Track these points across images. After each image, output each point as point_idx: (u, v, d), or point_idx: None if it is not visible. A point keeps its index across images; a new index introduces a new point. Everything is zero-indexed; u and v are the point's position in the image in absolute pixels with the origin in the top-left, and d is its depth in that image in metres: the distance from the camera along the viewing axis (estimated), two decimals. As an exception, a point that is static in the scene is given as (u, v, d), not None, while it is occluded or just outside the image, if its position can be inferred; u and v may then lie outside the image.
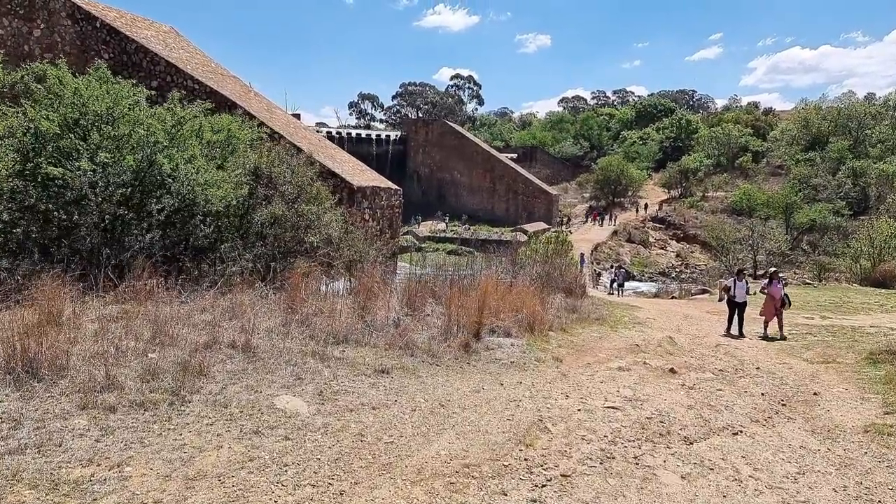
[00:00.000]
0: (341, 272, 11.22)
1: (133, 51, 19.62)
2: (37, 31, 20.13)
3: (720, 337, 9.78)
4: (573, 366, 6.27)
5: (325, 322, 6.42)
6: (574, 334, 8.34)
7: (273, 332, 5.85)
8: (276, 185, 9.95)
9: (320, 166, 17.30)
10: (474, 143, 53.64)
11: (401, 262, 22.18)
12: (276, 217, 9.48)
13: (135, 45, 19.52)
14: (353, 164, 20.20)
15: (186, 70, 19.30)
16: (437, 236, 40.25)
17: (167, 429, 3.21)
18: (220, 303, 6.70)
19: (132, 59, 19.62)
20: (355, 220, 17.47)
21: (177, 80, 18.98)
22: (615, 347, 7.87)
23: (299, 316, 6.64)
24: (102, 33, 19.73)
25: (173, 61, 19.39)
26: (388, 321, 7.14)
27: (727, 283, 10.56)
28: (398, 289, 8.84)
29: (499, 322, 7.12)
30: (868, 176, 42.10)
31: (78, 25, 20.17)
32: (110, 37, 19.71)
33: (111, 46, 19.75)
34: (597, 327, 9.64)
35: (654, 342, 8.79)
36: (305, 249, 10.45)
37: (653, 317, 12.11)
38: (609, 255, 36.53)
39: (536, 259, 16.22)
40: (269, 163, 9.87)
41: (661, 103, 74.78)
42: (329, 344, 5.69)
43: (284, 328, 6.07)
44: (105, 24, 19.20)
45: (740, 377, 6.64)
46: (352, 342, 5.88)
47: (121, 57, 19.38)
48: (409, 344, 5.94)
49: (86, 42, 19.94)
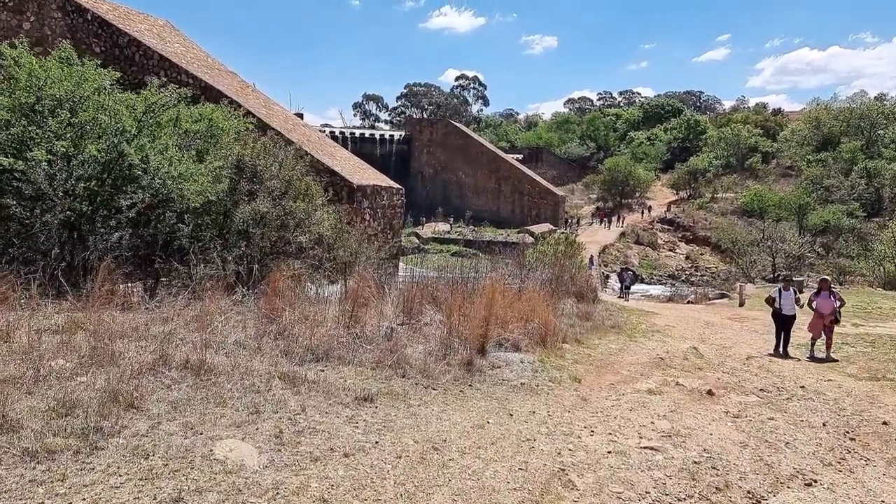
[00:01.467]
0: (336, 275, 10.37)
1: (125, 44, 18.91)
2: (26, 23, 19.43)
3: (749, 349, 8.79)
4: (594, 387, 5.34)
5: (307, 334, 5.53)
6: (590, 346, 7.41)
7: (241, 347, 4.96)
8: (262, 180, 9.09)
9: (320, 164, 16.60)
10: (479, 143, 52.77)
11: (403, 263, 21.37)
12: (261, 214, 8.61)
13: (127, 38, 18.80)
14: (353, 163, 19.42)
15: (181, 64, 18.57)
16: (442, 237, 39.39)
17: (53, 494, 2.32)
18: (186, 311, 5.82)
19: (124, 52, 18.92)
20: (355, 220, 16.68)
21: (170, 75, 18.25)
22: (638, 362, 6.93)
23: (277, 326, 5.76)
24: (94, 26, 19.03)
25: (167, 55, 18.67)
26: (379, 332, 6.24)
27: (772, 294, 8.98)
28: (395, 293, 7.96)
29: (506, 334, 6.20)
30: (882, 177, 40.94)
31: (69, 18, 19.46)
32: (102, 29, 19.02)
33: (103, 39, 19.07)
34: (614, 337, 8.70)
35: (678, 354, 7.84)
36: (295, 250, 9.58)
37: (671, 324, 11.15)
38: (617, 257, 35.53)
39: (545, 262, 15.30)
40: (253, 155, 9.00)
41: (668, 103, 73.66)
42: (306, 362, 4.79)
43: (256, 342, 5.19)
44: (96, 16, 18.50)
45: (787, 399, 5.69)
46: (334, 359, 4.98)
47: (112, 50, 18.70)
48: (402, 361, 5.04)
49: (77, 35, 19.24)
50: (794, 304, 8.64)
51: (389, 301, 7.73)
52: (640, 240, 40.31)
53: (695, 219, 43.95)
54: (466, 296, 7.30)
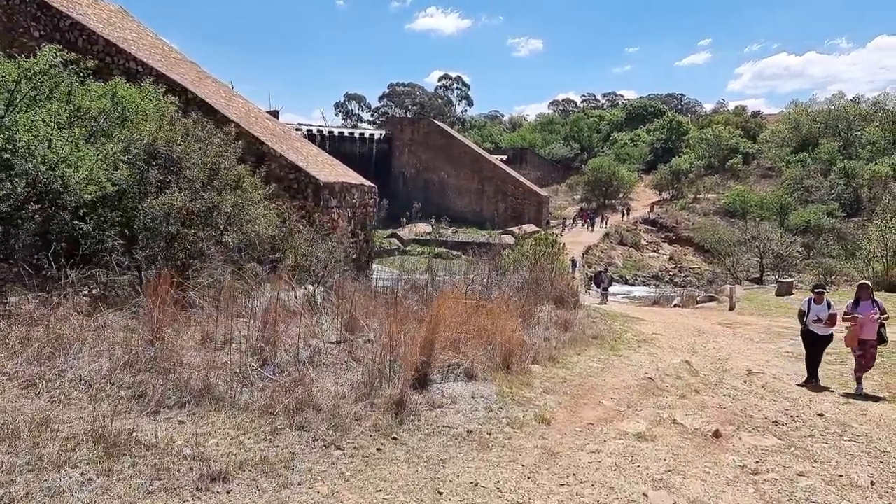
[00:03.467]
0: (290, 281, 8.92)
1: (67, 28, 17.15)
2: (-47, 4, 17.53)
3: (748, 361, 7.62)
4: (567, 431, 4.04)
5: (190, 361, 4.13)
6: (567, 365, 6.13)
7: (84, 385, 3.54)
8: (181, 168, 7.61)
9: (282, 159, 15.17)
10: (462, 142, 51.65)
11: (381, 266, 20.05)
12: (177, 209, 7.11)
13: (69, 21, 17.05)
14: (321, 159, 17.99)
15: (130, 50, 16.90)
16: (423, 239, 38.07)
17: None
18: (35, 332, 4.35)
19: (66, 37, 17.17)
20: (322, 220, 15.28)
21: (117, 62, 16.62)
22: (624, 385, 5.68)
23: (154, 351, 4.34)
24: (32, 8, 17.23)
25: (114, 40, 16.98)
26: (299, 356, 4.87)
27: (801, 308, 6.82)
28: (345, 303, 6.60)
29: (460, 357, 4.87)
30: (860, 177, 41.09)
31: (5, -1, 17.60)
32: (41, 12, 17.24)
33: (42, 23, 17.27)
34: (595, 351, 7.45)
35: (669, 372, 6.63)
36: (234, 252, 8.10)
37: (659, 332, 9.98)
38: (601, 258, 34.66)
39: (523, 263, 14.06)
40: (169, 138, 7.51)
41: (651, 105, 73.78)
42: (165, 408, 3.40)
43: (110, 375, 3.76)
44: (35, -3, 16.71)
45: (809, 437, 4.49)
46: (208, 400, 3.60)
47: (53, 35, 16.95)
48: (305, 403, 3.67)
49: (13, 18, 17.40)
50: (829, 321, 6.46)
51: (330, 313, 6.36)
52: (623, 240, 39.62)
53: (678, 219, 43.49)
54: (426, 303, 5.99)
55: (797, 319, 7.00)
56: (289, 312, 6.17)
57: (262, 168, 15.87)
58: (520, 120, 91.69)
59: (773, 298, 14.34)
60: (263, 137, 15.58)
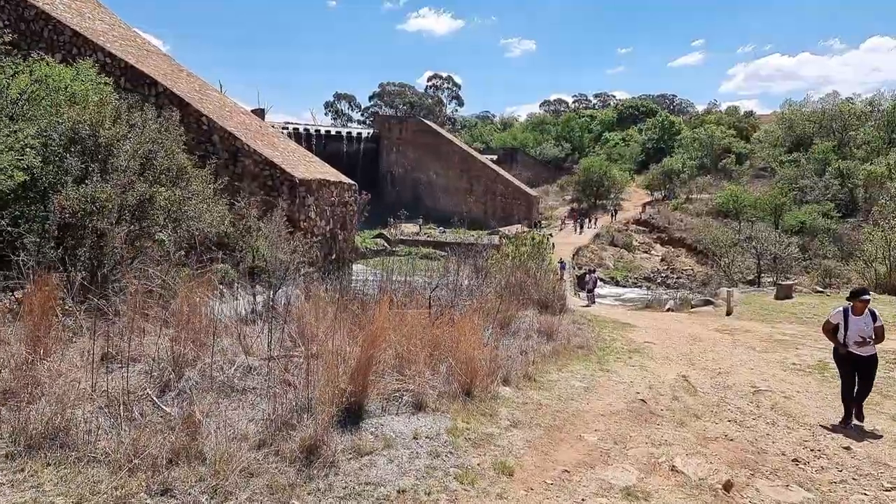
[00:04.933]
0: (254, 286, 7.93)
1: (32, 18, 16.06)
2: None
3: (751, 374, 6.73)
4: (535, 485, 3.09)
5: (60, 390, 3.17)
6: (544, 385, 5.20)
7: None
8: (109, 156, 6.58)
9: (256, 155, 14.19)
10: (451, 141, 50.75)
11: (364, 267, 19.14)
12: (100, 202, 6.08)
13: (34, 10, 15.94)
14: (298, 155, 16.99)
15: (98, 42, 15.85)
16: (410, 239, 37.09)
17: None
18: None
19: (31, 27, 16.08)
20: (298, 219, 14.28)
21: (84, 53, 15.59)
22: (611, 410, 4.76)
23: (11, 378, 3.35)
24: (-6, -4, 16.10)
25: (82, 31, 15.93)
26: (214, 378, 3.92)
27: (832, 319, 5.17)
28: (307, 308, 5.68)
29: (407, 381, 3.92)
30: (856, 177, 40.71)
31: (-35, -12, 16.43)
32: (6, 1, 16.14)
33: (7, 12, 16.15)
34: (580, 364, 6.53)
35: (664, 391, 5.73)
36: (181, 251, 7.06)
37: (652, 340, 9.09)
38: (592, 259, 33.88)
39: (507, 264, 13.13)
40: (94, 122, 6.47)
41: (643, 104, 73.40)
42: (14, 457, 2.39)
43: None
44: (-1, -14, 15.60)
45: (842, 485, 3.58)
46: (53, 448, 2.61)
47: (18, 25, 15.87)
48: (184, 451, 2.69)
49: (-27, 7, 16.27)
50: (872, 339, 4.91)
51: (280, 322, 5.41)
52: (615, 241, 38.91)
53: (670, 220, 42.86)
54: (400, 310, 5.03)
55: (827, 335, 5.25)
56: (233, 321, 5.19)
57: (238, 165, 14.86)
58: (511, 120, 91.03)
59: (772, 302, 13.53)
60: (237, 132, 14.60)
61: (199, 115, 14.93)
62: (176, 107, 15.40)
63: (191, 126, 15.17)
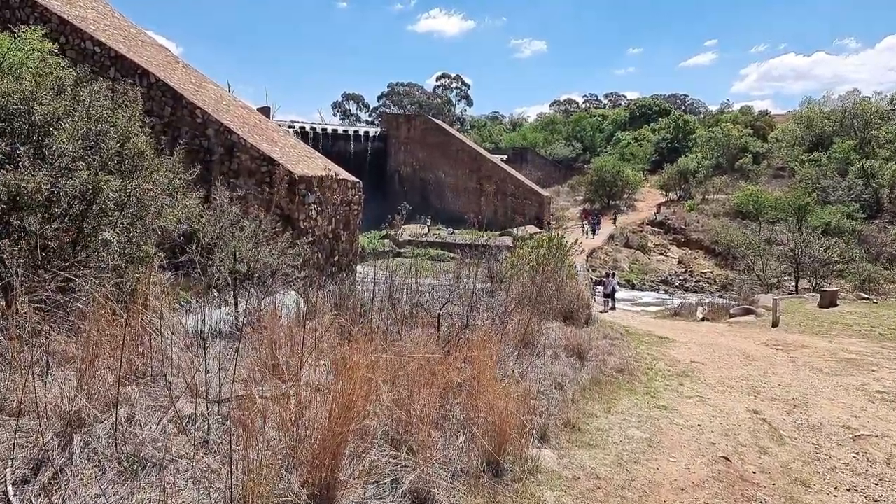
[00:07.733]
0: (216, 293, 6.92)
1: (17, 5, 15.31)
2: None
3: (834, 407, 5.49)
4: None
5: None
6: (595, 440, 4.03)
7: None
8: (46, 136, 5.50)
9: (254, 150, 13.37)
10: (460, 140, 49.64)
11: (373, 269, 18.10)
12: (27, 193, 5.00)
13: None
14: (299, 150, 16.01)
15: (86, 30, 15.10)
16: (419, 240, 35.99)
17: None
18: None
19: (17, 14, 15.33)
20: (298, 218, 13.27)
21: (72, 42, 14.87)
22: (691, 482, 3.59)
23: None
24: (-24, -19, 15.38)
25: (70, 18, 15.19)
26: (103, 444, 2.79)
27: None
28: None
29: (403, 454, 2.76)
30: (881, 177, 38.96)
31: (-53, -25, 15.74)
32: None
33: None
34: (628, 401, 5.32)
35: (744, 439, 4.54)
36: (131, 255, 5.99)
37: (698, 359, 7.87)
38: (606, 262, 32.59)
39: (524, 269, 11.94)
40: (29, 96, 5.39)
41: (655, 104, 71.74)
42: None
43: None
44: (-21, -30, 14.90)
45: None
46: None
47: (3, 13, 15.11)
48: None
49: (-44, -7, 15.54)
50: None
51: (248, 344, 4.32)
52: (629, 243, 37.57)
53: (686, 221, 41.36)
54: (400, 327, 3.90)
55: None
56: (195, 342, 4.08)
57: (234, 160, 13.87)
58: (521, 120, 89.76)
59: (816, 311, 12.23)
60: (233, 126, 13.68)
61: (193, 108, 14.15)
62: (170, 99, 14.49)
63: (185, 119, 14.22)
